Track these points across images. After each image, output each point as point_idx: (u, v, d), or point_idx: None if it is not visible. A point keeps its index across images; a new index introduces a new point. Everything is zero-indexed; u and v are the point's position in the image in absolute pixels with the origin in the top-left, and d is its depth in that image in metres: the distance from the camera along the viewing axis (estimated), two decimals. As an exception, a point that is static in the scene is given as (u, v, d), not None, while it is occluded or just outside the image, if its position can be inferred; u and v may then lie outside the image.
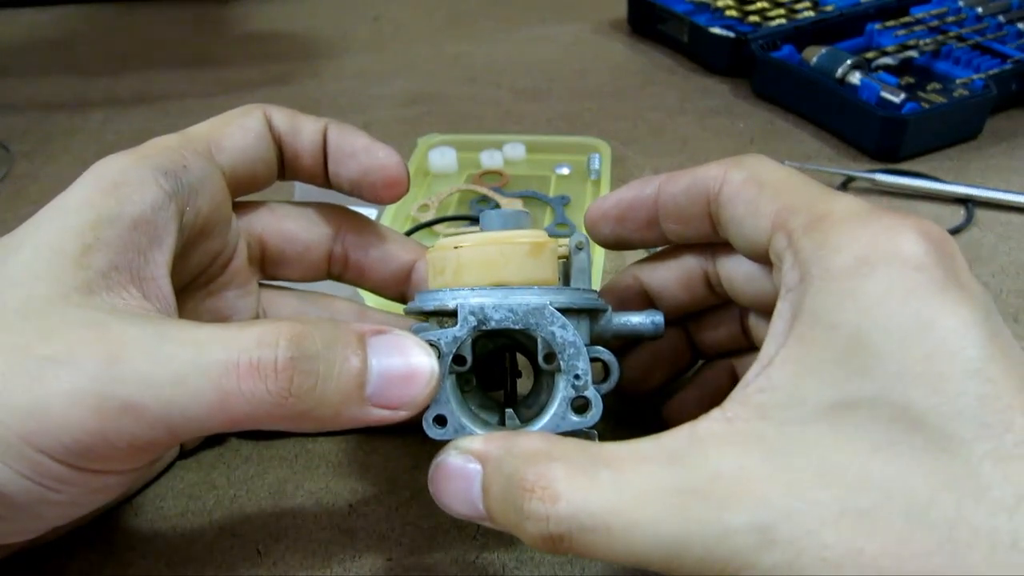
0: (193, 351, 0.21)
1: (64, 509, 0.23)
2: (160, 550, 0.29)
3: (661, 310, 0.28)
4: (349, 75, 0.69)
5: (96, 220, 0.23)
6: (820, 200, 0.23)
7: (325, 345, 0.22)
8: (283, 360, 0.21)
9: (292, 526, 0.30)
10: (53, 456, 0.20)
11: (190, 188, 0.26)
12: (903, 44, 0.58)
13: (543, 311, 0.24)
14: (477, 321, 0.24)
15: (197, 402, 0.21)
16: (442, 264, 0.26)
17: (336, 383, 0.22)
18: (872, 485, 0.18)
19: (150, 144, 0.26)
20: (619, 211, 0.29)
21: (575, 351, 0.24)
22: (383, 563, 0.28)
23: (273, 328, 0.22)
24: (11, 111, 0.63)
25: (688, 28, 0.66)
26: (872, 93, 0.53)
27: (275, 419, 0.22)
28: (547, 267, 0.26)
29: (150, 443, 0.21)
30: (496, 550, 0.29)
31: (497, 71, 0.69)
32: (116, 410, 0.20)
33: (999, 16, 0.60)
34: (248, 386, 0.21)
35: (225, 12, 0.84)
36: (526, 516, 0.20)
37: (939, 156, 0.53)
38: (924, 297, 0.19)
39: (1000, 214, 0.47)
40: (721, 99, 0.62)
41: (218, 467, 0.32)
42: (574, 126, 0.60)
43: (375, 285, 0.32)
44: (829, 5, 0.65)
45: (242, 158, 0.28)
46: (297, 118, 0.30)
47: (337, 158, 0.30)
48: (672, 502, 0.19)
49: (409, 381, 0.23)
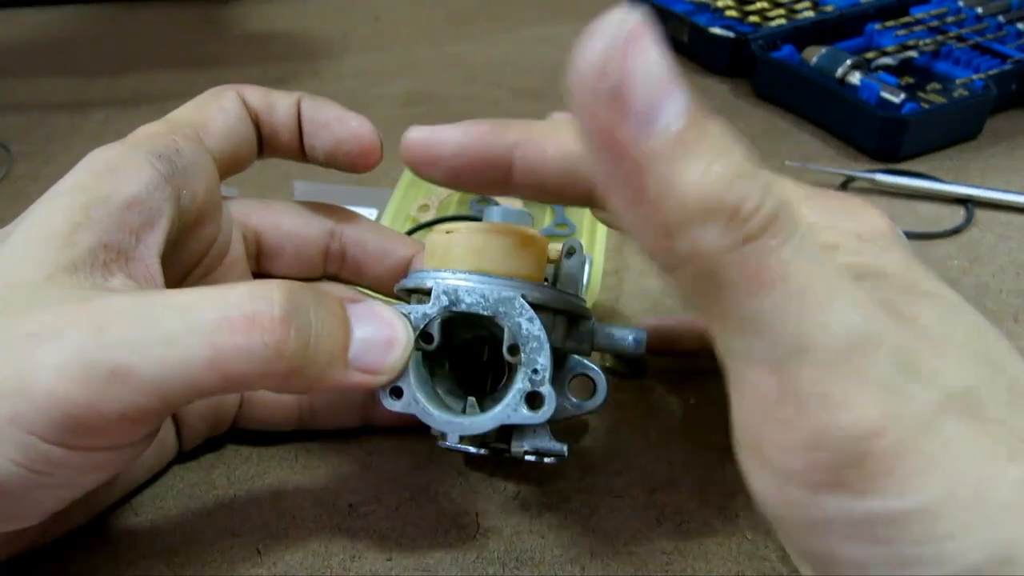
0: (182, 312, 0.21)
1: (59, 492, 0.22)
2: (160, 550, 0.29)
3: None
4: (349, 75, 0.69)
5: (88, 201, 0.23)
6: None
7: (314, 304, 0.22)
8: (281, 313, 0.21)
9: (292, 526, 0.30)
10: (43, 437, 0.20)
11: (185, 171, 0.26)
12: (903, 44, 0.58)
13: (513, 301, 0.25)
14: (449, 301, 0.25)
15: (189, 361, 0.20)
16: (434, 247, 0.27)
17: (325, 342, 0.22)
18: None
19: (140, 132, 0.27)
20: (457, 164, 0.25)
21: (537, 345, 0.25)
22: (383, 563, 0.28)
23: (264, 284, 0.22)
24: (11, 111, 0.63)
25: (688, 28, 0.66)
26: (872, 93, 0.53)
27: (266, 377, 0.21)
28: (532, 263, 0.27)
29: (142, 411, 0.21)
30: (496, 550, 0.29)
31: (497, 71, 0.69)
32: (104, 377, 0.20)
33: (999, 16, 0.60)
34: (243, 340, 0.21)
35: (225, 12, 0.84)
36: (765, 191, 0.16)
37: (939, 156, 0.53)
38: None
39: (1000, 214, 0.47)
40: (721, 99, 0.62)
41: (218, 467, 0.32)
42: (574, 126, 0.59)
43: (372, 281, 0.32)
44: (829, 5, 0.65)
45: (227, 140, 0.28)
46: (270, 95, 0.30)
47: (311, 130, 0.30)
48: (872, 304, 0.17)
49: (387, 347, 0.24)
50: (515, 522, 0.30)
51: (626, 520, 0.30)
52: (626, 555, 0.28)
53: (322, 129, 0.30)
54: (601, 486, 0.31)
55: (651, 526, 0.29)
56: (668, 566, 0.28)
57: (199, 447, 0.33)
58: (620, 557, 0.28)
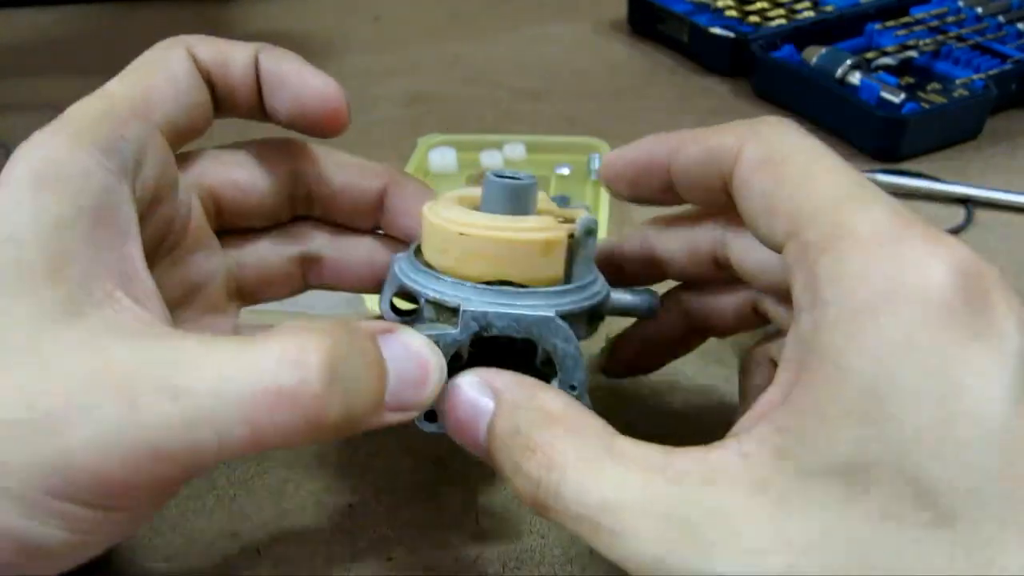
0: (214, 383, 0.19)
1: (99, 543, 0.21)
2: (160, 550, 0.29)
3: (670, 277, 0.27)
4: (349, 75, 0.69)
5: (56, 224, 0.20)
6: (844, 207, 0.20)
7: (353, 359, 0.20)
8: (322, 385, 0.19)
9: (292, 526, 0.30)
10: (84, 504, 0.19)
11: (134, 160, 0.23)
12: (903, 44, 0.58)
13: (548, 323, 0.24)
14: (479, 327, 0.24)
15: (226, 440, 0.19)
16: (443, 243, 0.25)
17: (364, 397, 0.21)
18: (870, 561, 0.17)
19: (75, 115, 0.23)
20: (632, 174, 0.27)
21: (574, 363, 0.24)
22: (383, 563, 0.28)
23: (300, 344, 0.20)
24: (11, 111, 0.63)
25: (688, 28, 0.66)
26: (872, 93, 0.53)
27: (303, 442, 0.20)
28: (555, 264, 0.25)
29: (179, 481, 0.21)
30: (496, 550, 0.29)
31: (497, 71, 0.69)
32: (144, 459, 0.19)
33: (999, 16, 0.60)
34: (282, 417, 0.19)
35: (225, 12, 0.84)
36: (521, 471, 0.20)
37: (939, 156, 0.53)
38: (948, 348, 0.17)
39: (1000, 214, 0.47)
40: (721, 99, 0.62)
41: (218, 467, 0.32)
42: (574, 126, 0.60)
43: (346, 218, 0.30)
44: (829, 5, 0.65)
45: (176, 110, 0.25)
46: (225, 48, 0.26)
47: (270, 89, 0.27)
48: (664, 526, 0.18)
49: (422, 383, 0.22)
50: (515, 522, 0.30)
51: (626, 520, 0.30)
52: (626, 555, 0.28)
53: (280, 88, 0.27)
54: (601, 486, 0.31)
55: (651, 526, 0.29)
56: (668, 566, 0.28)
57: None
58: (620, 557, 0.28)
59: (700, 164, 0.25)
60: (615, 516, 0.19)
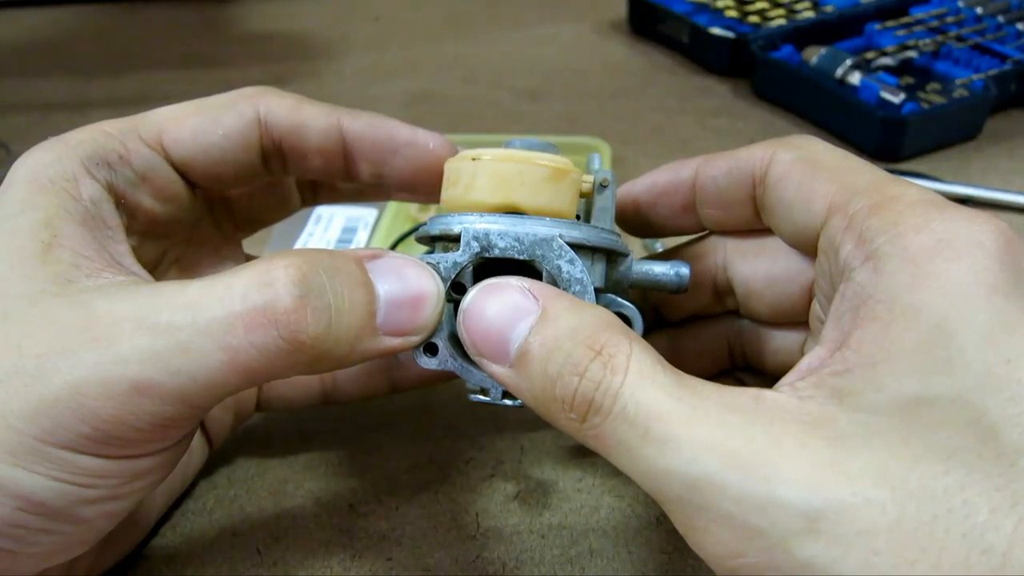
0: (188, 313, 0.20)
1: (106, 506, 0.21)
2: (160, 550, 0.29)
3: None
4: (349, 75, 0.69)
5: (46, 218, 0.22)
6: (886, 184, 0.21)
7: (329, 276, 0.20)
8: (291, 300, 0.19)
9: (292, 526, 0.30)
10: (76, 449, 0.19)
11: (127, 180, 0.24)
12: (903, 44, 0.58)
13: (551, 243, 0.23)
14: (480, 247, 0.23)
15: (206, 367, 0.19)
16: (456, 175, 0.25)
17: (349, 315, 0.21)
18: (934, 495, 0.17)
19: (87, 128, 0.25)
20: (652, 196, 0.28)
21: (581, 289, 0.23)
22: (383, 563, 0.28)
23: (267, 266, 0.20)
24: (11, 111, 0.63)
25: (688, 28, 0.66)
26: (872, 93, 0.53)
27: (292, 367, 0.20)
28: (565, 197, 0.24)
29: (171, 419, 0.20)
30: (496, 550, 0.29)
31: (497, 71, 0.69)
32: (126, 392, 0.19)
33: (999, 16, 0.60)
34: (257, 337, 0.19)
35: (225, 12, 0.84)
36: (578, 372, 0.19)
37: (939, 156, 0.53)
38: (1007, 294, 0.18)
39: (1000, 214, 0.47)
40: (721, 99, 0.62)
41: (218, 467, 0.32)
42: (574, 126, 0.60)
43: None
44: (829, 5, 0.65)
45: (202, 155, 0.26)
46: (302, 112, 0.27)
47: (376, 157, 0.27)
48: (720, 445, 0.18)
49: (417, 304, 0.22)
50: (515, 522, 0.30)
51: (626, 520, 0.30)
52: (626, 555, 0.28)
53: (393, 156, 0.27)
54: (601, 486, 0.31)
55: (651, 526, 0.29)
56: (668, 566, 0.28)
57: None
58: (620, 557, 0.28)
59: (729, 173, 0.26)
60: (668, 425, 0.18)
